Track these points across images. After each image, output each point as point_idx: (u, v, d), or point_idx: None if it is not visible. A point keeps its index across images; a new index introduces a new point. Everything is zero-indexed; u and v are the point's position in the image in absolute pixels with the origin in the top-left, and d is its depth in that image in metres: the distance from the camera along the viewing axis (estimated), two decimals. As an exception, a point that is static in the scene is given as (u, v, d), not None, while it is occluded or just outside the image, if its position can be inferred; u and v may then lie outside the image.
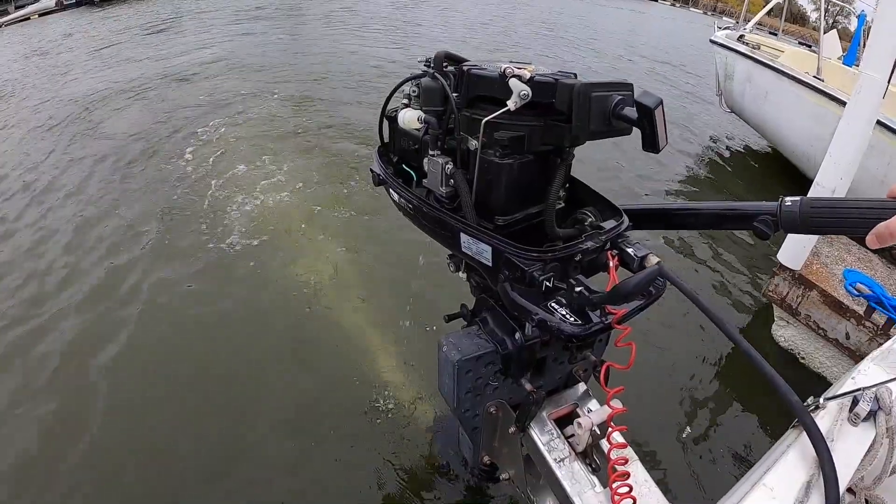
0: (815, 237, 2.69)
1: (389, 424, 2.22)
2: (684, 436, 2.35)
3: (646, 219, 1.00)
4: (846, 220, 0.69)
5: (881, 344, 2.37)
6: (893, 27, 2.27)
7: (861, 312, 2.49)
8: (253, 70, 7.47)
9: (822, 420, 0.85)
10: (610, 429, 1.01)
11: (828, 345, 2.69)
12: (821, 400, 0.88)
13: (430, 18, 13.40)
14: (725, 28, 6.32)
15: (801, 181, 5.13)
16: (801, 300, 2.72)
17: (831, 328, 2.64)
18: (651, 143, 0.78)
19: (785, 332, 2.93)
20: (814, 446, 0.73)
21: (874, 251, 3.08)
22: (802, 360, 2.85)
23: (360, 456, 2.09)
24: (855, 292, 2.57)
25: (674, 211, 0.99)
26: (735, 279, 3.73)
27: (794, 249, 2.72)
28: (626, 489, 0.95)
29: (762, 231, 0.78)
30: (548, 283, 0.85)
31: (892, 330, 2.39)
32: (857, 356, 2.54)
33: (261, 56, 8.31)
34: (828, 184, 2.49)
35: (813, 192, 2.56)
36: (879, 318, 2.45)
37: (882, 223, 0.62)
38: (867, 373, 0.95)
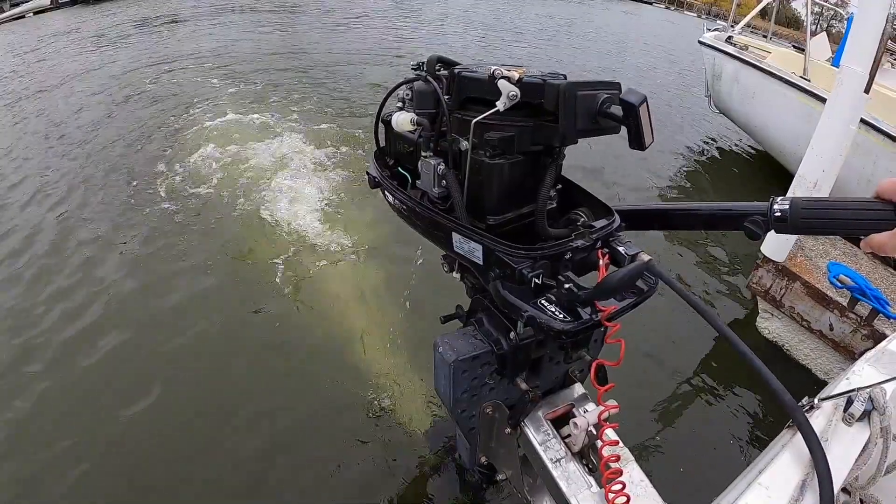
0: (799, 230, 2.72)
1: (384, 424, 2.20)
2: (679, 436, 2.36)
3: (638, 219, 1.00)
4: (836, 222, 0.70)
5: (865, 335, 2.44)
6: (875, 21, 2.30)
7: (845, 304, 2.52)
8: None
9: (817, 420, 0.86)
10: (603, 427, 1.01)
11: (812, 336, 2.72)
12: (815, 400, 0.88)
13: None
14: (714, 30, 6.34)
15: (788, 181, 5.14)
16: (785, 292, 2.75)
17: (815, 319, 2.67)
18: (637, 141, 0.78)
19: (769, 325, 2.96)
20: (808, 446, 0.73)
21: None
22: (787, 352, 2.88)
23: (355, 456, 2.07)
24: (838, 284, 2.58)
25: (666, 211, 1.00)
26: (720, 271, 3.76)
27: (778, 242, 2.74)
28: (620, 487, 0.95)
29: (753, 231, 0.78)
30: (537, 281, 0.85)
31: (875, 321, 2.42)
32: (841, 347, 2.58)
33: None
34: (810, 176, 2.51)
35: (795, 185, 2.59)
36: (863, 308, 2.48)
37: (876, 237, 0.63)
38: (861, 373, 0.96)
